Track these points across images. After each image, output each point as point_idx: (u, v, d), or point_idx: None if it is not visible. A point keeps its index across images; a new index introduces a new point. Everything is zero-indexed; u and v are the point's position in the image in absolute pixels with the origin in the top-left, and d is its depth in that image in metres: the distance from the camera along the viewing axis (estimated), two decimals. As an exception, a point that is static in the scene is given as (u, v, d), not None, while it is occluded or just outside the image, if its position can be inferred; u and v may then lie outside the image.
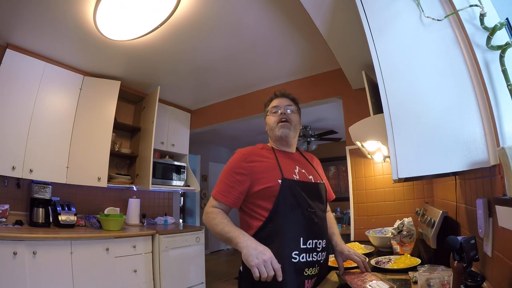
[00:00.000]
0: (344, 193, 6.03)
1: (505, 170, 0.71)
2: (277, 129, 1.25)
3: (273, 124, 1.27)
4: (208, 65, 2.88)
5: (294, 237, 1.08)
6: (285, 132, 1.25)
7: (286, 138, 1.26)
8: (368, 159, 2.49)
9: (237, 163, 1.17)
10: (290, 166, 1.21)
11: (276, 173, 1.14)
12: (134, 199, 3.25)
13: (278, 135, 1.25)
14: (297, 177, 1.18)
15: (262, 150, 1.25)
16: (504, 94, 0.84)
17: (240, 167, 1.15)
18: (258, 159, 1.19)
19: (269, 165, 1.18)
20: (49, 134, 2.60)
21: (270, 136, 1.31)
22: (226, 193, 1.14)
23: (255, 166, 1.16)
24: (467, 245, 0.74)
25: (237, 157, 1.20)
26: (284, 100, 1.32)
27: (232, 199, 1.13)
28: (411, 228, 1.65)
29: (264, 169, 1.16)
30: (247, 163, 1.16)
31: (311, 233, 1.11)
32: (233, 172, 1.16)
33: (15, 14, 2.09)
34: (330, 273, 1.41)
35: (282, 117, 1.26)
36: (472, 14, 0.94)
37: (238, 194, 1.13)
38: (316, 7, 1.64)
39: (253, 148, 1.25)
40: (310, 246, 1.10)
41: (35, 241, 2.06)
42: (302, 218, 1.11)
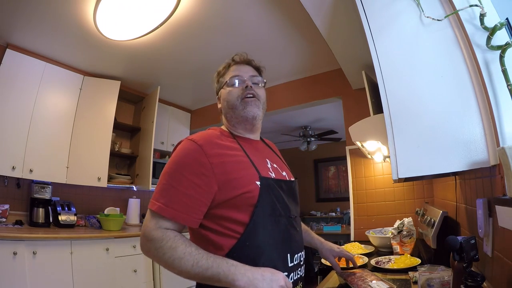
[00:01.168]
0: (344, 193, 6.03)
1: (505, 170, 0.71)
2: (241, 107, 0.91)
3: (234, 100, 0.92)
4: (208, 65, 2.87)
5: (281, 255, 0.81)
6: (253, 110, 0.91)
7: (254, 120, 0.93)
8: (368, 159, 2.49)
9: (192, 158, 0.78)
10: (261, 160, 0.90)
11: (251, 172, 0.82)
12: (134, 199, 3.25)
13: (244, 116, 0.91)
14: (273, 174, 0.89)
15: (222, 138, 0.88)
16: (504, 94, 0.84)
17: (199, 164, 0.77)
18: (222, 151, 0.82)
19: (239, 160, 0.84)
20: (49, 134, 2.60)
21: (228, 117, 0.96)
22: (182, 205, 0.75)
23: (222, 162, 0.79)
24: (467, 245, 0.74)
25: (189, 149, 0.80)
26: (247, 69, 1.00)
27: (193, 213, 0.76)
28: (411, 228, 1.65)
29: (234, 166, 0.81)
30: (208, 158, 0.78)
31: (295, 246, 0.86)
32: (187, 172, 0.77)
33: (15, 14, 2.09)
34: (330, 273, 1.41)
35: (248, 92, 0.92)
36: (472, 14, 0.94)
37: (200, 205, 0.76)
38: (316, 7, 1.64)
39: (209, 135, 0.86)
40: (296, 262, 0.85)
41: (35, 241, 2.06)
42: (285, 228, 0.84)
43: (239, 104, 0.92)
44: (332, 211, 6.00)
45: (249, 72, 0.99)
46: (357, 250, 1.84)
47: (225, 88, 0.96)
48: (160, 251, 0.71)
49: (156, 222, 0.75)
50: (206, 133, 0.88)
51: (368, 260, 1.55)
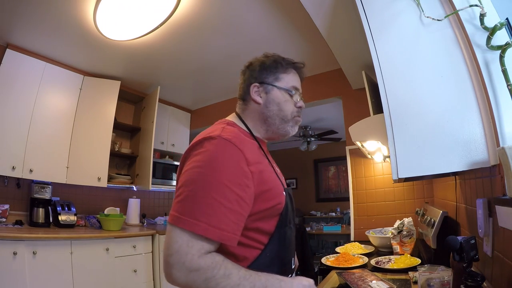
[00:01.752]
0: (344, 193, 6.03)
1: (505, 170, 0.71)
2: (291, 124, 0.87)
3: (288, 113, 0.86)
4: (208, 65, 2.88)
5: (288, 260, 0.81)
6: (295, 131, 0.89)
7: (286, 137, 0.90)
8: (368, 159, 2.49)
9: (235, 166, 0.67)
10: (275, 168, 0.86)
11: (277, 182, 0.78)
12: (134, 199, 3.25)
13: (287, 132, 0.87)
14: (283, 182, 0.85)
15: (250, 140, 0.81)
16: (504, 94, 0.84)
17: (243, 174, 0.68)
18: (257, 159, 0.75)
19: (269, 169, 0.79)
20: (49, 134, 2.60)
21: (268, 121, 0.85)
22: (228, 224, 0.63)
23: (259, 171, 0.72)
24: (467, 245, 0.74)
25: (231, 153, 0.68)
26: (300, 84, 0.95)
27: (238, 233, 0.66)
28: (411, 228, 1.65)
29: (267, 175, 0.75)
30: (249, 167, 0.69)
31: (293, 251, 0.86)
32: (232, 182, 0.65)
33: (15, 14, 2.09)
34: (330, 273, 1.41)
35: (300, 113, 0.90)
36: (472, 14, 0.94)
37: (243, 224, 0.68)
38: (316, 7, 1.64)
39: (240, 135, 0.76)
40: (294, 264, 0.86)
41: (35, 241, 2.06)
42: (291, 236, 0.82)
43: (290, 120, 0.86)
44: (332, 211, 5.99)
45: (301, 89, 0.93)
46: (357, 250, 1.84)
47: (281, 91, 0.86)
48: (212, 281, 0.60)
49: (200, 246, 0.61)
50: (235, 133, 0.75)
51: (368, 260, 1.55)
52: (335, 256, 1.65)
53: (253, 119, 0.87)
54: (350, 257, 1.57)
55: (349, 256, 1.59)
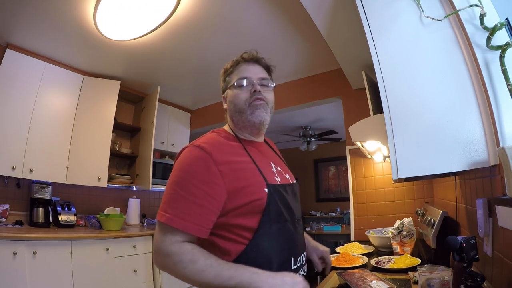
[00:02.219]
0: (344, 193, 6.03)
1: (505, 170, 0.71)
2: (249, 112, 0.88)
3: (242, 104, 0.89)
4: (208, 65, 2.88)
5: (285, 259, 0.82)
6: (261, 115, 0.88)
7: (261, 125, 0.90)
8: (368, 159, 2.49)
9: (202, 167, 0.76)
10: (266, 165, 0.89)
11: (259, 180, 0.81)
12: (134, 199, 3.25)
13: (251, 121, 0.88)
14: (278, 179, 0.88)
15: (227, 142, 0.87)
16: (504, 94, 0.84)
17: (209, 173, 0.76)
18: (231, 158, 0.81)
19: (247, 167, 0.83)
20: (49, 134, 2.59)
21: (234, 120, 0.92)
22: (193, 216, 0.73)
23: (231, 170, 0.78)
24: (467, 245, 0.74)
25: (198, 157, 0.78)
26: (256, 69, 0.94)
27: (204, 223, 0.74)
28: (411, 228, 1.65)
29: (243, 174, 0.80)
30: (218, 166, 0.77)
31: (298, 249, 0.87)
32: (197, 181, 0.75)
33: (15, 14, 2.09)
34: (330, 273, 1.41)
35: (257, 96, 0.88)
36: (472, 14, 0.94)
37: (211, 215, 0.75)
38: (316, 7, 1.64)
39: (216, 141, 0.85)
40: (300, 264, 0.86)
41: (35, 241, 2.06)
42: (289, 233, 0.84)
43: (247, 108, 0.88)
44: (332, 211, 5.99)
45: (258, 74, 0.93)
46: (357, 250, 1.84)
47: (232, 89, 0.92)
48: (179, 265, 0.70)
49: (171, 236, 0.72)
50: (212, 139, 0.85)
51: (368, 260, 1.55)
52: (335, 256, 1.65)
53: (229, 122, 0.96)
54: (350, 257, 1.57)
55: (349, 256, 1.59)
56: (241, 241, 0.78)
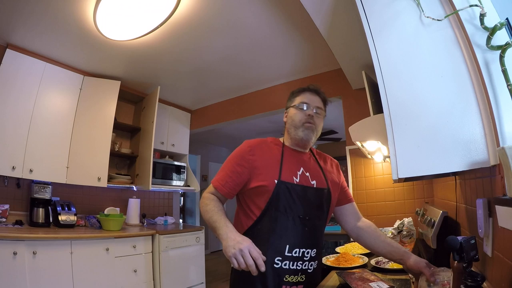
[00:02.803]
0: (344, 193, 6.02)
1: (505, 170, 0.71)
2: (301, 130, 1.14)
3: (297, 122, 1.14)
4: (208, 65, 2.88)
5: (280, 243, 1.02)
6: (308, 135, 1.14)
7: (306, 143, 1.16)
8: (368, 159, 2.49)
9: (240, 154, 1.11)
10: (293, 167, 1.12)
11: (274, 173, 1.08)
12: (134, 199, 3.25)
13: (300, 137, 1.14)
14: (297, 180, 1.09)
15: (271, 145, 1.17)
16: (504, 94, 0.84)
17: (242, 159, 1.10)
18: (262, 154, 1.12)
19: (271, 162, 1.11)
20: (49, 134, 2.60)
21: (288, 131, 1.19)
22: (223, 181, 1.09)
23: (257, 160, 1.09)
24: (467, 245, 0.74)
25: (242, 148, 1.13)
26: (315, 99, 1.19)
27: (227, 189, 1.09)
28: (411, 228, 1.65)
29: (264, 165, 1.09)
30: (250, 156, 1.10)
31: (299, 242, 1.04)
32: (234, 162, 1.11)
33: (15, 14, 2.09)
34: (330, 273, 1.41)
35: (310, 119, 1.13)
36: (472, 14, 0.94)
37: (233, 185, 1.09)
38: (316, 7, 1.64)
39: (261, 141, 1.17)
40: (296, 255, 1.03)
41: (35, 241, 2.06)
42: (293, 224, 1.04)
43: (300, 126, 1.14)
44: (332, 211, 5.98)
45: (316, 103, 1.18)
46: (357, 250, 1.84)
47: (294, 109, 1.17)
48: (201, 204, 1.09)
49: (209, 189, 1.13)
50: (260, 140, 1.18)
51: (368, 260, 1.55)
52: (335, 256, 1.65)
53: (285, 134, 1.22)
54: (350, 257, 1.57)
55: (349, 256, 1.59)
56: (251, 217, 1.07)
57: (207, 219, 1.02)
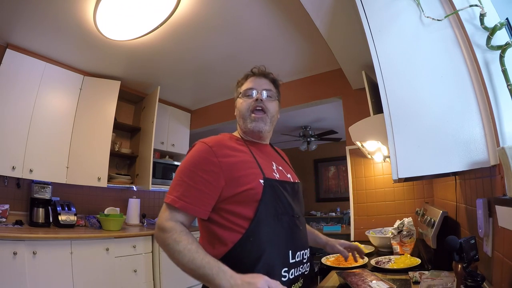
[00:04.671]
0: (344, 193, 6.03)
1: (505, 170, 0.71)
2: (249, 120, 1.00)
3: (244, 112, 1.01)
4: (208, 65, 2.88)
5: (283, 251, 0.86)
6: (258, 126, 0.99)
7: (260, 133, 1.01)
8: (368, 159, 2.49)
9: (203, 158, 0.87)
10: (267, 162, 0.98)
11: (256, 172, 0.89)
12: (134, 199, 3.25)
13: (250, 128, 1.00)
14: (277, 175, 0.96)
15: (231, 141, 0.98)
16: (504, 94, 0.84)
17: (209, 163, 0.86)
18: (230, 152, 0.92)
19: (245, 160, 0.92)
20: (49, 134, 2.59)
21: (239, 125, 1.05)
22: (192, 198, 0.83)
23: (228, 162, 0.88)
24: (467, 245, 0.74)
25: (201, 150, 0.89)
26: (262, 81, 1.06)
27: (202, 205, 0.84)
28: (411, 228, 1.65)
29: (241, 165, 0.89)
30: (217, 158, 0.87)
31: (298, 243, 0.91)
32: (198, 169, 0.85)
33: (15, 14, 2.09)
34: (330, 273, 1.41)
35: (258, 105, 0.99)
36: (472, 14, 0.94)
37: (208, 199, 0.84)
38: (316, 7, 1.64)
39: (219, 138, 0.96)
40: (299, 259, 0.90)
41: (35, 241, 2.06)
42: (288, 226, 0.90)
43: (248, 117, 1.00)
44: (332, 211, 6.00)
45: (264, 85, 1.05)
46: (357, 250, 1.84)
47: (240, 98, 1.05)
48: (166, 241, 0.79)
49: (169, 213, 0.83)
50: (217, 137, 0.97)
51: (368, 260, 1.55)
52: (335, 256, 1.65)
53: (238, 128, 1.08)
54: (350, 257, 1.57)
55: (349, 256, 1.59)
56: (238, 230, 0.84)
57: (185, 264, 0.76)
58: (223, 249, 0.83)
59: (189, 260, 0.75)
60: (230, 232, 0.84)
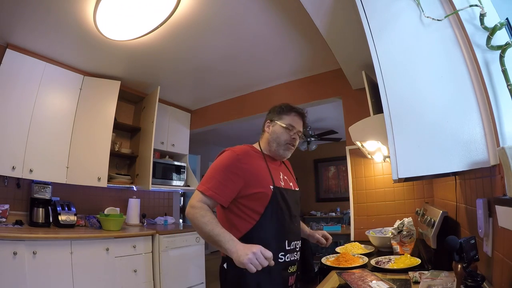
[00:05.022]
0: (344, 193, 6.03)
1: (505, 170, 0.71)
2: (283, 149, 1.27)
3: (282, 142, 1.26)
4: (208, 65, 2.88)
5: (281, 240, 1.15)
6: (287, 154, 1.29)
7: (284, 159, 1.32)
8: (368, 159, 2.49)
9: (231, 163, 1.15)
10: (277, 173, 1.25)
11: (267, 180, 1.18)
12: (134, 199, 3.25)
13: (280, 154, 1.28)
14: (283, 183, 1.24)
15: (253, 153, 1.25)
16: (504, 94, 0.84)
17: (235, 167, 1.14)
18: (251, 162, 1.19)
19: (261, 170, 1.20)
20: (49, 134, 2.59)
21: (270, 144, 1.29)
22: (219, 190, 1.11)
23: (249, 169, 1.16)
24: (467, 245, 0.74)
25: (230, 156, 1.18)
26: (301, 123, 1.32)
27: (225, 196, 1.12)
28: (411, 228, 1.65)
29: (257, 173, 1.18)
30: (241, 164, 1.15)
31: (293, 236, 1.20)
32: (226, 170, 1.14)
33: (15, 14, 2.09)
34: (330, 273, 1.41)
35: (293, 142, 1.28)
36: (472, 14, 0.94)
37: (230, 193, 1.12)
38: (316, 7, 1.64)
39: (245, 149, 1.24)
40: (292, 247, 1.19)
41: (35, 241, 2.06)
42: (287, 222, 1.18)
43: (283, 146, 1.26)
44: (332, 211, 6.00)
45: (300, 127, 1.31)
46: (357, 250, 1.84)
47: (282, 125, 1.27)
48: (196, 215, 1.06)
49: (201, 197, 1.10)
50: (244, 148, 1.24)
51: (368, 260, 1.55)
52: (335, 256, 1.65)
53: (263, 142, 1.32)
54: (350, 257, 1.57)
55: (349, 256, 1.59)
56: (250, 221, 1.13)
57: (207, 231, 1.02)
58: (237, 235, 1.07)
59: (210, 229, 1.02)
60: (244, 221, 1.13)
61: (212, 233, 1.01)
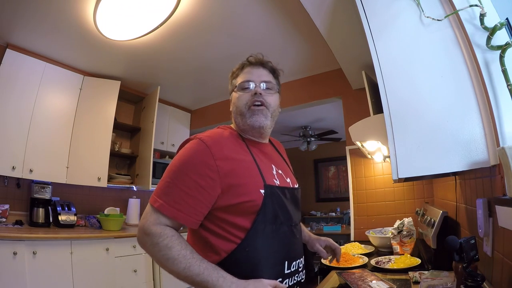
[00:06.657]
0: (344, 193, 6.03)
1: (505, 170, 0.71)
2: (248, 115, 0.89)
3: (242, 107, 0.90)
4: (208, 65, 2.88)
5: (278, 262, 0.82)
6: (259, 120, 0.88)
7: (261, 129, 0.90)
8: (368, 159, 2.49)
9: (199, 159, 0.77)
10: (267, 166, 0.89)
11: (257, 180, 0.82)
12: (134, 199, 3.25)
13: (249, 124, 0.89)
14: (278, 182, 0.88)
15: (232, 138, 0.88)
16: (504, 94, 0.84)
17: (205, 166, 0.76)
18: (230, 154, 0.81)
19: (247, 166, 0.83)
20: (49, 134, 2.59)
21: (236, 122, 0.93)
22: (184, 206, 0.74)
23: (227, 166, 0.79)
24: (467, 245, 0.74)
25: (197, 150, 0.79)
26: (260, 72, 0.94)
27: (193, 215, 0.75)
28: (411, 228, 1.65)
29: (240, 172, 0.80)
30: (215, 161, 0.77)
31: (294, 253, 0.86)
32: (192, 172, 0.76)
33: (15, 14, 2.09)
34: (330, 273, 1.41)
35: (256, 99, 0.88)
36: (472, 14, 0.94)
37: (202, 209, 0.77)
38: (316, 7, 1.64)
39: (219, 135, 0.86)
40: (294, 269, 0.85)
41: (35, 241, 2.06)
42: (284, 236, 0.84)
43: (246, 112, 0.89)
44: (332, 211, 5.99)
45: (262, 77, 0.93)
46: (357, 250, 1.84)
47: (236, 91, 0.93)
48: (156, 247, 0.72)
49: (156, 217, 0.75)
50: (216, 133, 0.86)
51: (368, 260, 1.55)
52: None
53: (234, 125, 0.96)
54: (350, 257, 1.57)
55: (349, 256, 1.59)
56: (233, 240, 0.78)
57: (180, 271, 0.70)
58: (215, 258, 0.77)
59: (185, 267, 0.70)
60: (224, 241, 0.78)
61: (190, 273, 0.70)
